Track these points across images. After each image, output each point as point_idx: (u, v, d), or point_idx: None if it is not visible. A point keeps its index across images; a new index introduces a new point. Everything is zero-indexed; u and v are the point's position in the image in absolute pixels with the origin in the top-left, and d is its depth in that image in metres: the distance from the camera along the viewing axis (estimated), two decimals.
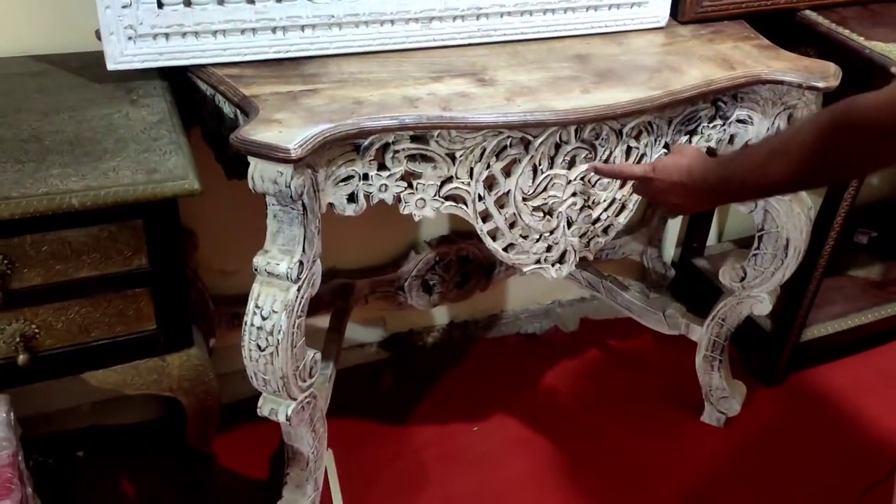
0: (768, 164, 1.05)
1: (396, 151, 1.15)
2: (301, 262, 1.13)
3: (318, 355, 1.27)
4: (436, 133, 1.14)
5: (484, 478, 1.62)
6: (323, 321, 1.69)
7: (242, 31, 1.18)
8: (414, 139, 1.15)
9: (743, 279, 1.55)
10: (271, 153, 1.01)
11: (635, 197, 1.34)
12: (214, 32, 1.17)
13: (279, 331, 1.13)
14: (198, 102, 1.24)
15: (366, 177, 1.16)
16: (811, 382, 1.89)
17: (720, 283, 1.60)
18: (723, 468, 1.70)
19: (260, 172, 1.05)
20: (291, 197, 1.06)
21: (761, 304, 1.57)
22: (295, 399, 1.23)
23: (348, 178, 1.15)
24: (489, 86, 1.20)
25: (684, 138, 1.34)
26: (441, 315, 1.95)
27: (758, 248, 1.50)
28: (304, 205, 1.09)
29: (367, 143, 1.13)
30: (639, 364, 1.91)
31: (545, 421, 1.75)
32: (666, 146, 1.33)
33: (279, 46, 1.21)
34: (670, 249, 2.08)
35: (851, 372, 1.93)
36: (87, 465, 1.58)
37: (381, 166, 1.16)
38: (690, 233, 2.04)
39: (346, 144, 1.12)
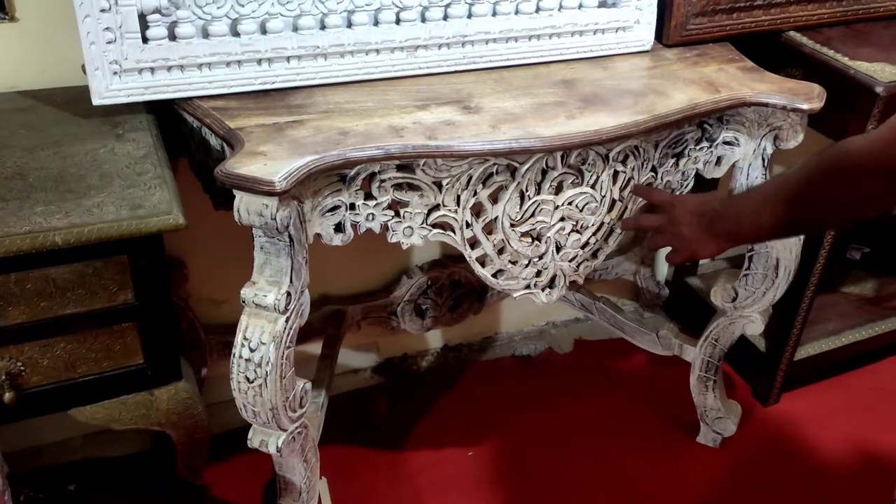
0: (761, 209, 1.06)
1: (383, 181, 1.15)
2: (289, 294, 1.12)
3: (309, 385, 1.27)
4: (422, 162, 1.14)
5: (479, 502, 1.61)
6: (315, 348, 1.68)
7: (228, 64, 1.19)
8: (400, 168, 1.15)
9: (734, 299, 1.54)
10: (256, 186, 1.01)
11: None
12: (200, 65, 1.17)
13: (267, 363, 1.13)
14: (185, 134, 1.24)
15: (352, 206, 1.16)
16: (807, 400, 1.89)
17: (712, 303, 1.59)
18: (720, 489, 1.69)
19: (245, 205, 1.05)
20: (277, 229, 1.06)
21: (753, 324, 1.56)
22: (285, 430, 1.23)
23: (335, 208, 1.15)
24: (474, 113, 1.20)
25: (671, 161, 1.34)
26: (435, 339, 1.94)
27: (748, 268, 1.50)
28: (290, 236, 1.09)
29: (352, 173, 1.13)
30: (634, 385, 1.91)
31: (541, 444, 1.75)
32: (653, 170, 1.33)
33: (265, 78, 1.21)
34: (663, 269, 2.08)
35: (848, 389, 1.92)
36: (79, 499, 1.57)
37: (368, 195, 1.16)
38: None
39: (332, 175, 1.12)
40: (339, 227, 1.17)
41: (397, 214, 1.19)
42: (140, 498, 1.58)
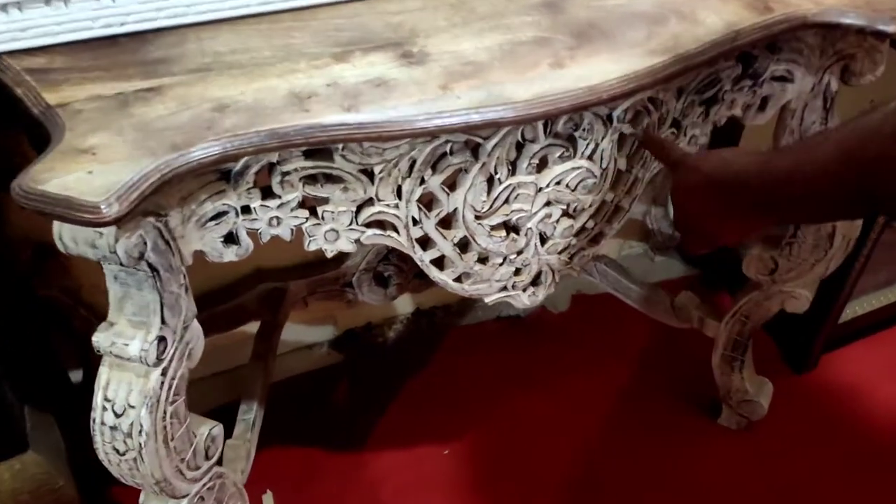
0: (825, 173, 0.71)
1: (286, 173, 0.80)
2: (162, 338, 0.80)
3: (219, 430, 0.95)
4: (340, 146, 0.79)
5: None
6: (254, 327, 1.37)
7: (48, 0, 0.81)
8: (310, 155, 0.79)
9: (773, 272, 1.21)
10: (71, 214, 0.66)
11: (631, 196, 0.99)
12: (4, 5, 0.79)
13: (140, 431, 0.81)
14: (13, 102, 0.88)
15: (246, 210, 0.81)
16: (850, 364, 1.58)
17: (745, 274, 1.26)
18: (746, 475, 1.40)
19: (70, 234, 0.72)
20: (122, 263, 0.72)
21: (796, 301, 1.24)
22: (185, 495, 0.93)
23: (220, 214, 0.80)
24: (418, 64, 0.82)
25: (699, 111, 0.98)
26: (404, 304, 1.62)
27: (794, 235, 1.16)
28: (151, 265, 0.75)
29: (238, 167, 0.77)
30: (643, 351, 1.60)
31: (533, 431, 1.46)
32: (675, 125, 0.97)
33: (108, 17, 0.83)
34: None
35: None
36: None
37: (268, 193, 0.81)
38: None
39: (208, 173, 0.76)
40: (231, 238, 0.83)
41: (314, 214, 0.84)
42: None
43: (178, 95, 0.77)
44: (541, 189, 0.90)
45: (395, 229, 0.88)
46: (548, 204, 0.92)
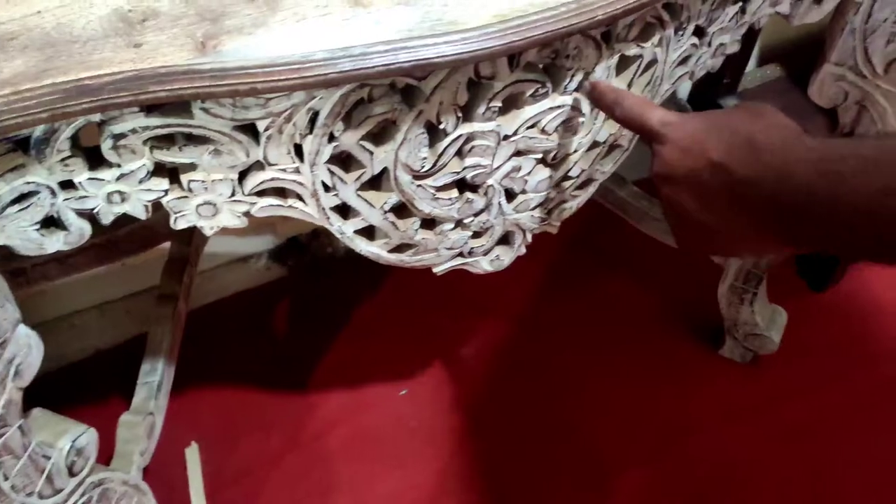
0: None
1: (120, 136, 0.53)
2: None
3: (87, 437, 0.74)
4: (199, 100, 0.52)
5: (417, 469, 1.16)
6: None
7: None
8: (152, 110, 0.53)
9: None
10: None
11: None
12: None
13: None
14: None
15: (68, 186, 0.55)
16: (878, 275, 1.35)
17: None
18: (748, 415, 1.22)
19: None
20: None
21: None
22: None
23: (26, 195, 0.54)
24: None
25: (732, 9, 0.70)
26: None
27: None
28: None
29: (39, 133, 0.51)
30: (635, 267, 1.37)
31: (505, 364, 1.26)
32: (698, 33, 0.69)
33: None
34: (685, 84, 1.44)
35: None
36: None
37: (98, 160, 0.55)
38: None
39: None
40: (51, 223, 0.57)
41: (178, 184, 0.59)
42: None
43: None
44: (506, 137, 0.63)
45: (300, 198, 0.63)
46: (517, 154, 0.66)
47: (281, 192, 0.62)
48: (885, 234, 0.45)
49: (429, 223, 0.70)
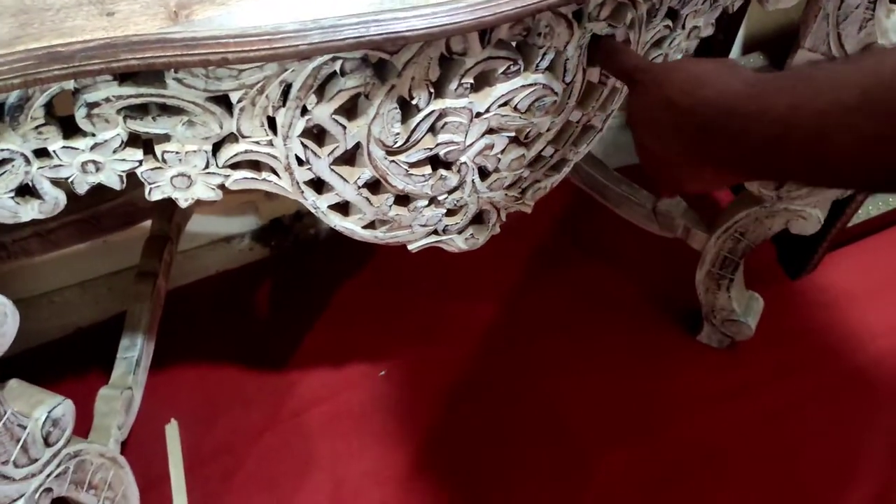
0: (846, 117, 0.47)
1: (94, 104, 0.54)
2: None
3: (63, 408, 0.75)
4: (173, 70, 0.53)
5: (394, 448, 1.17)
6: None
7: None
8: (126, 79, 0.53)
9: (780, 186, 0.98)
10: None
11: (606, 111, 0.73)
12: None
13: None
14: None
15: (43, 154, 0.56)
16: (854, 264, 1.37)
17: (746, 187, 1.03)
18: (726, 401, 1.23)
19: None
20: None
21: (804, 222, 1.01)
22: (21, 496, 0.73)
23: (0, 163, 0.55)
24: None
25: None
26: None
27: None
28: None
29: (12, 99, 0.52)
30: (614, 253, 1.38)
31: (484, 347, 1.27)
32: (670, 15, 0.70)
33: None
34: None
35: None
36: None
37: (72, 129, 0.56)
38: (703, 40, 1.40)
39: None
40: (27, 192, 0.58)
41: (152, 155, 0.59)
42: None
43: None
44: (479, 114, 0.64)
45: (274, 171, 0.64)
46: (490, 132, 0.67)
47: (255, 166, 0.63)
48: (795, 147, 0.48)
49: (403, 199, 0.71)
